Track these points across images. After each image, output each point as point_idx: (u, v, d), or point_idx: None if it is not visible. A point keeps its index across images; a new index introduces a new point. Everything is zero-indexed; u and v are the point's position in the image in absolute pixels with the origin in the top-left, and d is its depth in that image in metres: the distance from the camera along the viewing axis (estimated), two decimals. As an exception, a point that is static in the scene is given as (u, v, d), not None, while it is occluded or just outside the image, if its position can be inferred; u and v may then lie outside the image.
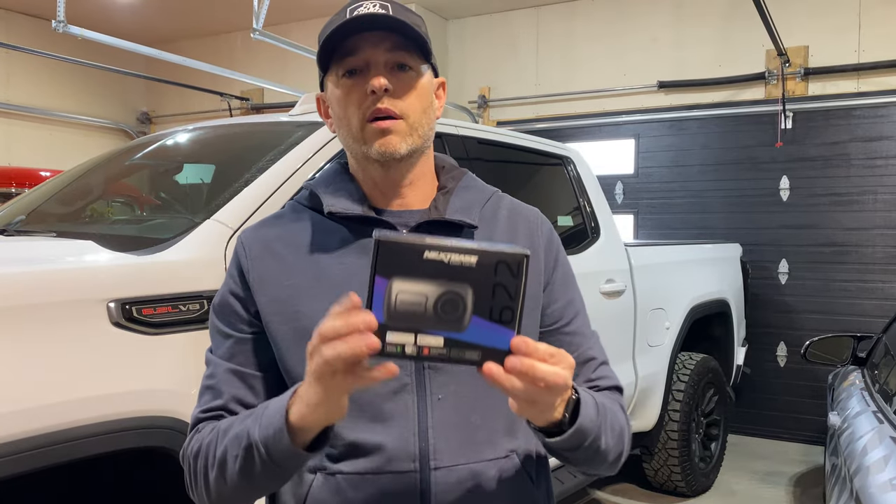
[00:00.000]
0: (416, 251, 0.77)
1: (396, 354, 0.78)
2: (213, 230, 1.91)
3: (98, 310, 1.59)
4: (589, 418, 0.91)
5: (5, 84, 6.91)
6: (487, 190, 1.16)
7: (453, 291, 0.77)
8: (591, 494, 4.26)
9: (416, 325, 0.77)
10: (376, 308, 0.77)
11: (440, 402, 1.01)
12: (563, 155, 3.55)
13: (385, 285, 0.77)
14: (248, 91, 7.50)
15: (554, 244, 1.15)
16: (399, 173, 1.07)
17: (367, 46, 1.01)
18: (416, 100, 1.04)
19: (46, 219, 2.51)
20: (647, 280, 3.69)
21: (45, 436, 1.45)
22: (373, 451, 1.00)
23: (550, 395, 0.83)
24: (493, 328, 0.79)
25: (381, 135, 1.01)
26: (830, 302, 5.32)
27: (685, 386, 3.98)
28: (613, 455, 1.00)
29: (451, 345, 0.78)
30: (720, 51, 5.71)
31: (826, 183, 5.33)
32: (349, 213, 1.05)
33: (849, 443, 2.29)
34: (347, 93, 1.03)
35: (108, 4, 6.73)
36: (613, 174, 6.04)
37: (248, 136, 2.67)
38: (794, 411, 5.45)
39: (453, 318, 0.78)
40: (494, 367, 0.79)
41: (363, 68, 1.02)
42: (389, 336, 0.77)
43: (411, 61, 1.03)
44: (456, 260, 0.77)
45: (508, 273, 0.78)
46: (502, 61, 6.57)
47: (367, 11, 1.00)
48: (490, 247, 0.78)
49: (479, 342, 0.79)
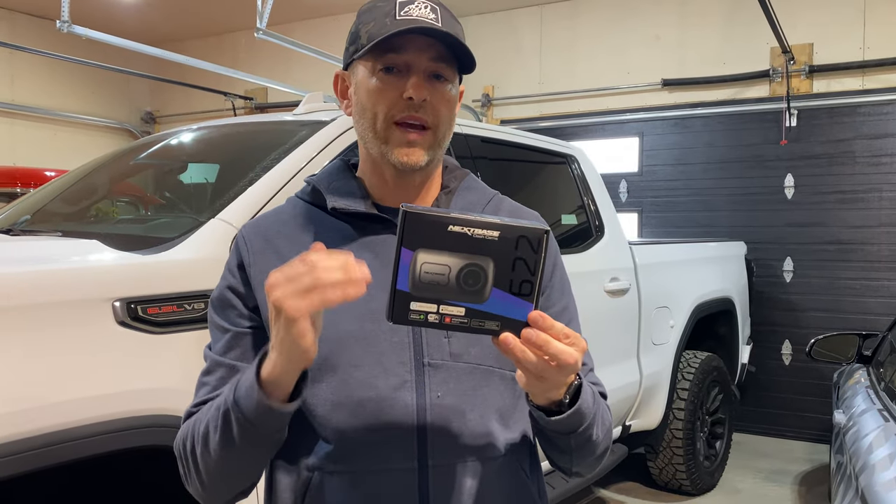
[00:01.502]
0: (442, 224, 0.80)
1: (420, 322, 0.82)
2: (217, 229, 1.92)
3: (104, 309, 1.60)
4: (587, 404, 0.93)
5: (10, 84, 6.93)
6: (489, 192, 1.17)
7: (475, 264, 0.81)
8: (596, 493, 4.26)
9: (439, 295, 0.81)
10: (401, 278, 0.80)
11: (439, 400, 1.01)
12: (567, 153, 3.55)
13: (410, 256, 0.80)
14: (252, 90, 7.51)
15: (552, 249, 1.15)
16: (413, 178, 1.08)
17: (412, 49, 1.00)
18: (447, 112, 1.05)
19: (52, 218, 2.51)
20: (651, 278, 3.69)
21: (51, 434, 1.45)
22: (371, 449, 1.00)
23: (560, 373, 0.85)
24: (513, 300, 0.82)
25: (407, 145, 1.02)
26: (836, 300, 5.31)
27: (690, 384, 3.98)
28: (601, 449, 1.01)
29: (471, 315, 0.82)
30: (724, 48, 5.70)
31: (831, 181, 5.32)
32: (352, 209, 1.06)
33: (854, 441, 2.29)
34: (381, 89, 1.02)
35: (113, 4, 6.74)
36: (617, 172, 6.03)
37: (253, 136, 2.68)
38: (799, 409, 5.44)
39: (475, 289, 0.81)
40: (510, 336, 0.82)
41: (402, 69, 1.01)
42: (413, 305, 0.81)
43: (449, 73, 1.04)
44: (479, 234, 0.80)
45: (529, 248, 0.81)
46: (506, 60, 6.57)
47: (419, 13, 1.00)
48: (512, 221, 0.81)
49: (499, 313, 0.82)
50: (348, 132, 2.28)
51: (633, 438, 3.79)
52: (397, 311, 0.81)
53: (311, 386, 1.01)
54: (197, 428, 0.97)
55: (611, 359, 3.34)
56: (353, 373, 1.00)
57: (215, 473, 0.97)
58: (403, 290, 0.80)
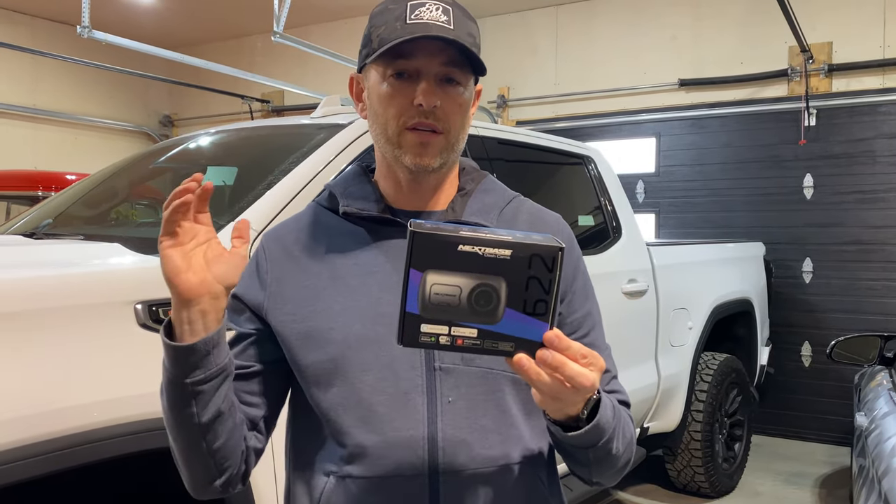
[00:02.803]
0: (451, 244, 0.77)
1: (431, 345, 0.79)
2: (236, 232, 1.93)
3: (125, 311, 1.61)
4: (606, 419, 0.90)
5: (33, 89, 7.02)
6: (508, 194, 1.15)
7: (487, 284, 0.78)
8: (614, 495, 4.24)
9: (450, 316, 0.78)
10: (411, 299, 0.78)
11: (450, 405, 1.00)
12: (583, 154, 3.54)
13: (420, 278, 0.77)
14: (269, 94, 7.56)
15: (574, 252, 1.13)
16: (427, 181, 1.07)
17: (422, 55, 0.99)
18: (459, 116, 1.03)
19: (73, 222, 2.54)
20: (669, 280, 3.67)
21: (74, 436, 1.47)
22: (382, 455, 0.99)
23: (576, 394, 0.83)
24: (527, 321, 0.79)
25: (419, 148, 1.01)
26: (856, 301, 5.25)
27: (708, 386, 3.95)
28: (622, 462, 0.99)
29: (484, 336, 0.79)
30: (741, 48, 5.66)
31: (851, 180, 5.26)
32: (364, 213, 1.06)
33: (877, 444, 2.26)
34: (392, 95, 1.01)
35: (132, 9, 6.81)
36: (634, 173, 6.00)
37: (270, 139, 2.69)
38: (819, 412, 5.38)
39: (487, 310, 0.78)
40: (525, 358, 0.79)
41: (413, 74, 1.00)
42: (424, 327, 0.78)
43: (461, 76, 1.02)
44: (490, 253, 0.77)
45: (543, 266, 0.78)
46: (521, 61, 6.56)
47: (430, 16, 0.98)
48: (525, 239, 0.78)
49: (513, 334, 0.79)
50: (365, 135, 2.29)
51: (651, 440, 3.77)
52: (408, 334, 0.79)
53: (322, 390, 1.02)
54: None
55: (629, 361, 3.33)
56: (363, 377, 1.00)
57: (182, 449, 0.98)
58: (413, 313, 0.78)
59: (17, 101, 6.86)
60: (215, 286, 0.93)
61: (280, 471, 1.17)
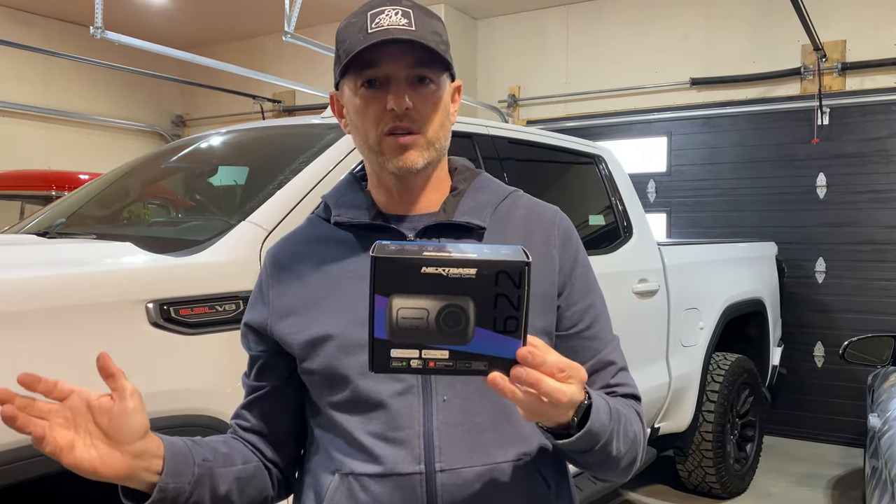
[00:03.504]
0: (414, 266, 0.76)
1: (402, 369, 0.78)
2: (247, 232, 1.94)
3: (137, 310, 1.62)
4: (599, 423, 0.89)
5: (46, 90, 7.07)
6: (503, 190, 1.15)
7: (454, 304, 0.76)
8: (624, 495, 4.23)
9: (419, 339, 0.77)
10: (378, 325, 0.77)
11: (445, 404, 1.01)
12: (594, 154, 3.53)
13: (385, 302, 0.76)
14: (280, 93, 7.58)
15: (572, 243, 1.12)
16: (414, 183, 1.08)
17: (388, 60, 1.00)
18: (435, 114, 1.04)
19: (86, 221, 2.56)
20: (680, 279, 3.65)
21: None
22: (381, 453, 1.01)
23: (556, 409, 0.82)
24: (499, 338, 0.78)
25: (400, 150, 1.02)
26: (869, 301, 5.21)
27: (720, 386, 3.93)
28: (625, 462, 0.98)
29: (456, 357, 0.78)
30: (753, 47, 5.63)
31: (864, 180, 5.22)
32: (356, 221, 1.08)
33: (890, 445, 2.25)
34: (366, 105, 1.02)
35: (144, 10, 6.85)
36: (645, 172, 5.98)
37: (281, 139, 2.70)
38: (832, 413, 5.35)
39: (456, 330, 0.77)
40: (499, 376, 0.78)
41: (383, 81, 1.01)
42: (394, 352, 0.77)
43: (432, 74, 1.03)
44: (455, 273, 0.76)
45: (510, 282, 0.76)
46: (532, 60, 6.55)
47: (389, 21, 0.99)
48: (490, 256, 0.77)
49: (486, 352, 0.78)
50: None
51: (662, 441, 3.76)
52: (378, 360, 0.78)
53: (322, 393, 1.06)
54: None
55: (639, 361, 3.32)
56: (360, 380, 1.02)
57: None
58: (382, 338, 0.77)
59: (30, 101, 6.92)
60: (133, 446, 0.90)
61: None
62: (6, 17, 6.73)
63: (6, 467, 1.36)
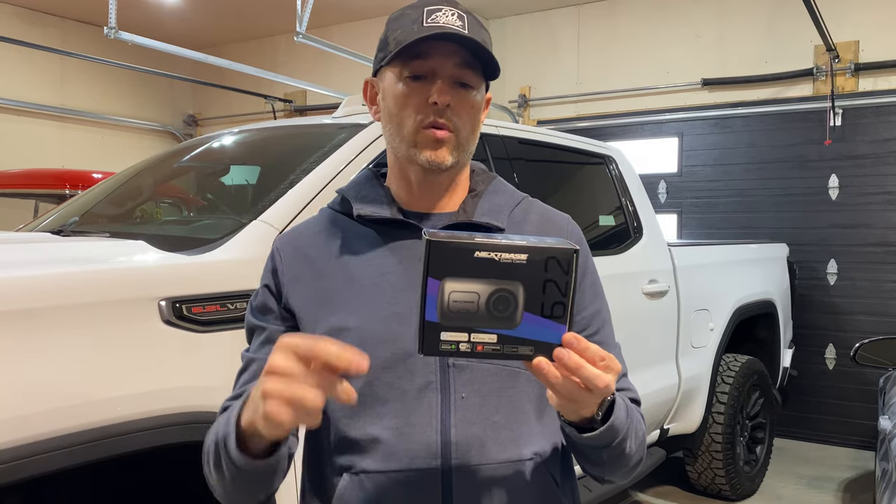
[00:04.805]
0: (467, 251, 0.78)
1: (451, 352, 0.80)
2: (259, 230, 1.95)
3: (150, 308, 1.64)
4: (620, 419, 0.92)
5: (60, 89, 7.13)
6: (517, 195, 1.17)
7: (505, 289, 0.79)
8: (633, 496, 4.23)
9: (469, 323, 0.79)
10: (430, 308, 0.78)
11: (464, 401, 1.02)
12: (605, 154, 3.53)
13: (437, 286, 0.78)
14: (292, 93, 7.61)
15: (583, 251, 1.14)
16: (438, 181, 1.09)
17: (437, 55, 1.03)
18: (470, 119, 1.06)
19: (99, 220, 2.58)
20: (690, 280, 3.65)
21: (98, 430, 1.49)
22: (396, 449, 1.01)
23: (591, 396, 0.84)
24: (545, 323, 0.80)
25: (435, 144, 1.04)
26: (882, 303, 5.18)
27: (730, 388, 3.92)
28: (635, 460, 1.00)
29: (503, 341, 0.80)
30: (766, 47, 5.60)
31: (877, 181, 5.19)
32: (377, 215, 1.08)
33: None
34: (408, 95, 1.04)
35: (157, 10, 6.89)
36: (656, 173, 5.97)
37: (293, 139, 2.72)
38: (842, 415, 5.32)
39: (505, 315, 0.79)
40: (544, 361, 0.80)
41: (428, 75, 1.04)
42: (444, 335, 0.79)
43: (473, 80, 1.06)
44: (506, 258, 0.78)
45: (559, 269, 0.79)
46: (543, 60, 6.55)
47: (445, 20, 1.02)
48: (539, 243, 0.79)
49: (532, 337, 0.80)
50: (386, 135, 2.30)
51: (671, 442, 3.75)
52: (428, 343, 0.79)
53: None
54: (209, 441, 0.98)
55: (649, 361, 3.31)
56: (379, 375, 1.02)
57: (227, 489, 0.97)
58: (433, 321, 0.78)
59: (45, 100, 6.98)
60: None
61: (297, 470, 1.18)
62: (21, 17, 6.80)
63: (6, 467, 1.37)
